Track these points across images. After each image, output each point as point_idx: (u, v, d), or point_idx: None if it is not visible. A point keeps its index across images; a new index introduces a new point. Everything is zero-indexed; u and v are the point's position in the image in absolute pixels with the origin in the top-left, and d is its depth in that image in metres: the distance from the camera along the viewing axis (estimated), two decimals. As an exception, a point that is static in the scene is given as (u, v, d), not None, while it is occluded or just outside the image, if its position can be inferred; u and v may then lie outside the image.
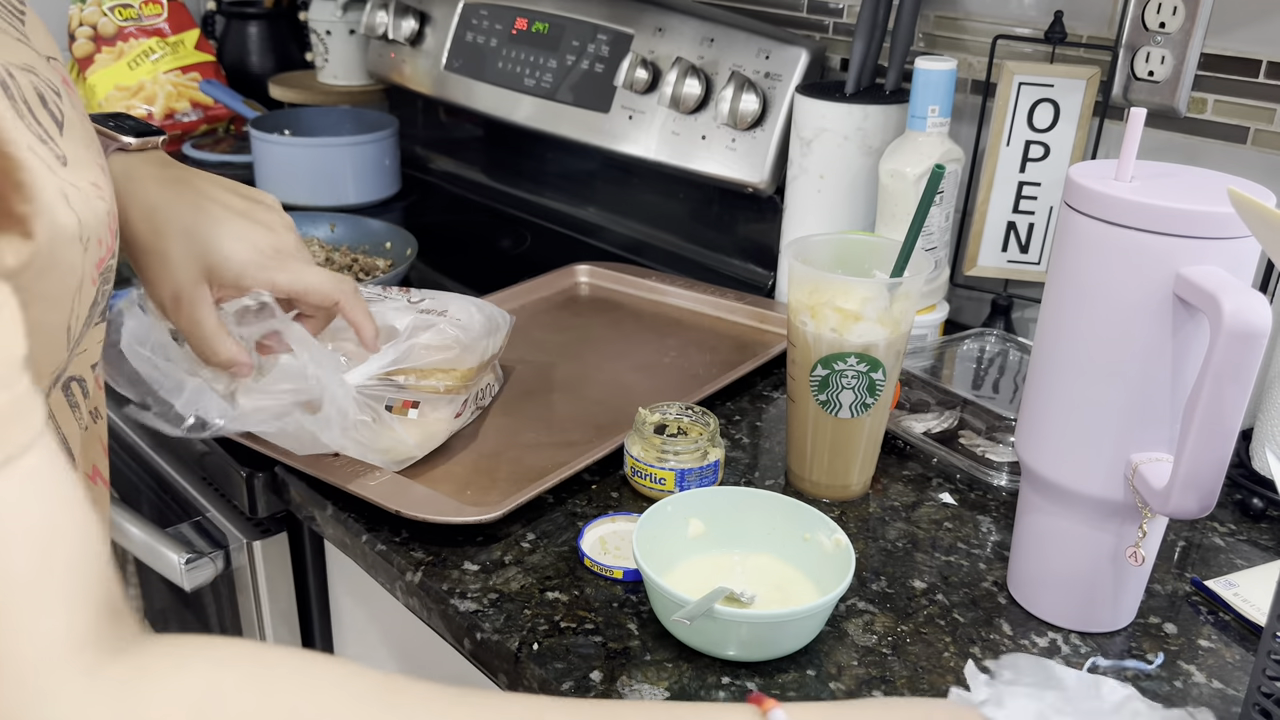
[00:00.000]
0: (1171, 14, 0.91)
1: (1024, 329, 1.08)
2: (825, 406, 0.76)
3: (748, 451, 0.86)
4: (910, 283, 0.74)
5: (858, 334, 0.74)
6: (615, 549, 0.72)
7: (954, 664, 0.63)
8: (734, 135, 1.15)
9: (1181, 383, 0.58)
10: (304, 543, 0.89)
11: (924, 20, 1.10)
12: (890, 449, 0.86)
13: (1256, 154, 0.91)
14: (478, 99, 1.42)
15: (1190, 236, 0.55)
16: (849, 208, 1.05)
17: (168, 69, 1.70)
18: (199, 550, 0.87)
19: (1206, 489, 0.55)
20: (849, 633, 0.66)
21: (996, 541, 0.75)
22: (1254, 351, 0.52)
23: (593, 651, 0.63)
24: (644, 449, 0.77)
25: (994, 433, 0.84)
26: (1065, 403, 0.61)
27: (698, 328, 1.09)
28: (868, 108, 1.02)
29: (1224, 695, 0.61)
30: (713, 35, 1.17)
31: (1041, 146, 1.01)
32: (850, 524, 0.77)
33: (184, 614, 1.05)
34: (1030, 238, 1.04)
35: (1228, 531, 0.77)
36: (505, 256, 1.32)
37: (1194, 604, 0.69)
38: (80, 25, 1.69)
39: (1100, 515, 0.63)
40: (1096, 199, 0.57)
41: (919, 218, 0.74)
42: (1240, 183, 0.56)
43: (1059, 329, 0.61)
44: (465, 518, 0.72)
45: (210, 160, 1.62)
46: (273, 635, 0.90)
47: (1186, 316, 0.56)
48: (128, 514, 0.91)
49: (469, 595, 0.68)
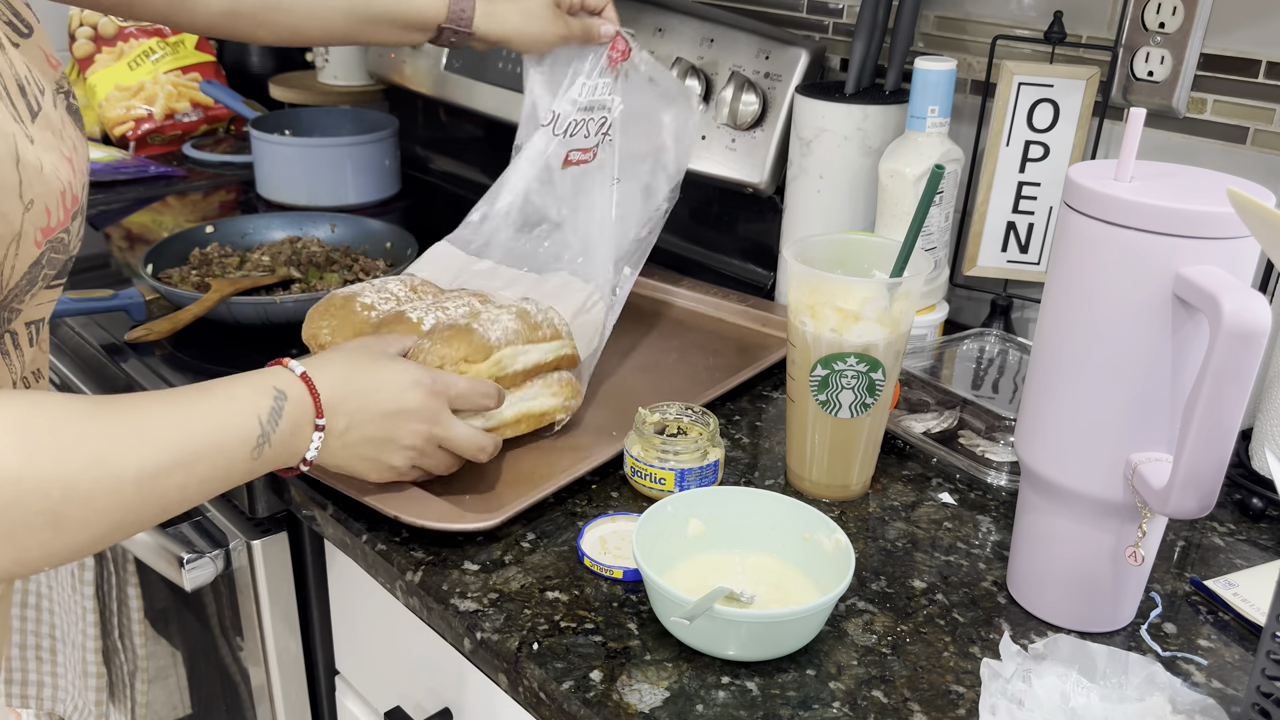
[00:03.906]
0: (1171, 14, 0.91)
1: (1024, 329, 1.08)
2: (825, 406, 0.76)
3: (748, 451, 0.86)
4: (910, 283, 0.74)
5: (857, 334, 0.74)
6: (615, 549, 0.72)
7: (954, 663, 0.63)
8: (734, 135, 1.15)
9: (1181, 383, 0.58)
10: (304, 543, 0.89)
11: (924, 20, 1.10)
12: (890, 449, 0.86)
13: (1256, 154, 0.91)
14: (478, 99, 1.42)
15: (1190, 236, 0.55)
16: (849, 208, 1.05)
17: (168, 69, 1.70)
18: (199, 550, 0.88)
19: (1206, 489, 0.55)
20: (849, 632, 0.66)
21: (996, 541, 0.75)
22: (1254, 352, 0.52)
23: (593, 651, 0.63)
24: (644, 449, 0.77)
25: (994, 433, 0.84)
26: (1065, 403, 0.61)
27: (700, 329, 1.09)
28: (867, 108, 1.02)
29: (1224, 695, 0.61)
30: (713, 35, 1.17)
31: (1041, 146, 1.01)
32: (850, 524, 0.77)
33: (184, 614, 1.05)
34: (1030, 238, 1.04)
35: (1227, 531, 0.77)
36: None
37: (1194, 604, 0.69)
38: (80, 25, 1.69)
39: (1100, 515, 0.63)
40: (1096, 199, 0.57)
41: (919, 218, 0.74)
42: (1240, 183, 0.56)
43: (1059, 329, 0.61)
44: (465, 525, 0.72)
45: (210, 160, 1.62)
46: (273, 635, 0.90)
47: (1186, 316, 0.56)
48: (128, 514, 0.90)
49: (469, 595, 0.68)
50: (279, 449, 0.62)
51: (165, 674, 1.13)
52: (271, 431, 0.61)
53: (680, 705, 0.59)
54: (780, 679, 0.62)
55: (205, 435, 0.57)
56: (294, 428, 0.63)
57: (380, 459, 0.70)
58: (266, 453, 0.61)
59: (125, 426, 0.52)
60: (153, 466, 0.53)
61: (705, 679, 0.61)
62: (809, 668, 0.63)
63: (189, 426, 0.56)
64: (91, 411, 0.51)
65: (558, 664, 0.62)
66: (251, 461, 0.60)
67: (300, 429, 0.64)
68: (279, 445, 0.62)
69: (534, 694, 0.62)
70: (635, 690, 0.60)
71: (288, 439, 0.63)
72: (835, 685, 0.61)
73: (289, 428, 0.62)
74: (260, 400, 0.61)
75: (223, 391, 0.60)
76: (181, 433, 0.55)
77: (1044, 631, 0.66)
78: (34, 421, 0.48)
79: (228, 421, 0.58)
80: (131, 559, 0.97)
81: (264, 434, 0.60)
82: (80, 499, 0.49)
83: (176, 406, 0.56)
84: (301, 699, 0.96)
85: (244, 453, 0.59)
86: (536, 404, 0.83)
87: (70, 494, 0.49)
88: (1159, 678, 0.58)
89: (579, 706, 0.59)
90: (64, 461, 0.49)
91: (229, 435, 0.58)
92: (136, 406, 0.54)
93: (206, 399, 0.58)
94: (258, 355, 0.93)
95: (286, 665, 0.93)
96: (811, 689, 0.61)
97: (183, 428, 0.55)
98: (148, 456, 0.53)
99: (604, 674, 0.61)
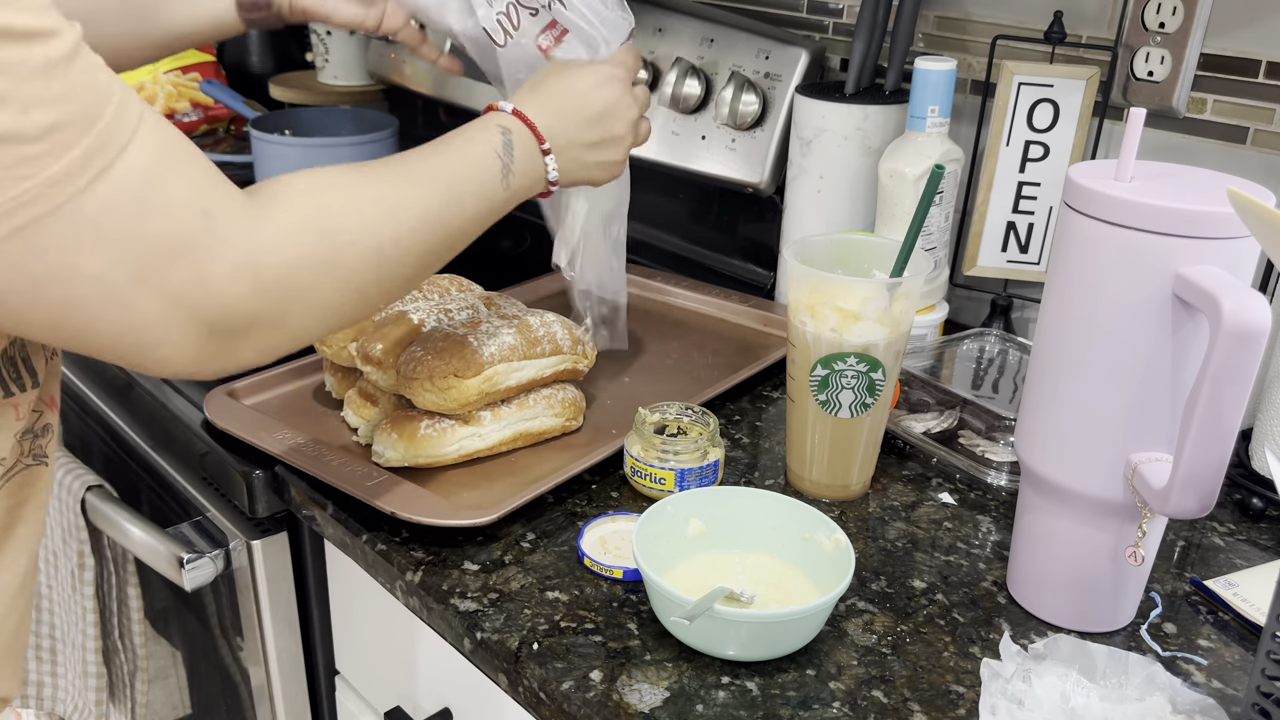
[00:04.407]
0: (1171, 14, 0.91)
1: (1024, 329, 1.08)
2: (825, 406, 0.76)
3: (748, 451, 0.86)
4: (910, 283, 0.74)
5: (857, 334, 0.74)
6: (615, 549, 0.72)
7: (954, 663, 0.63)
8: (734, 135, 1.15)
9: (1181, 383, 0.58)
10: (304, 543, 0.89)
11: (924, 20, 1.10)
12: (890, 449, 0.86)
13: (1256, 154, 0.91)
14: (478, 99, 1.42)
15: (1190, 236, 0.55)
16: (849, 208, 1.05)
17: (168, 69, 1.70)
18: (199, 550, 0.88)
19: (1206, 489, 0.55)
20: (849, 632, 0.66)
21: (996, 541, 0.75)
22: (1253, 352, 0.52)
23: (593, 651, 0.63)
24: (644, 449, 0.77)
25: (994, 433, 0.84)
26: (1065, 403, 0.61)
27: (701, 330, 1.09)
28: (867, 108, 1.02)
29: (1224, 695, 0.61)
30: (713, 35, 1.17)
31: (1041, 146, 1.01)
32: (850, 524, 0.77)
33: (184, 614, 1.05)
34: (1030, 238, 1.04)
35: (1227, 531, 0.77)
36: (505, 257, 1.32)
37: (1194, 604, 0.69)
38: (80, 25, 1.69)
39: (1100, 515, 0.63)
40: (1096, 199, 0.57)
41: (919, 218, 0.74)
42: (1240, 183, 0.56)
43: (1059, 329, 0.61)
44: (462, 521, 0.72)
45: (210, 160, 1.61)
46: (273, 635, 0.90)
47: (1186, 317, 0.56)
48: (128, 514, 0.91)
49: (469, 595, 0.68)
50: (521, 176, 0.70)
51: (165, 674, 1.13)
52: (510, 162, 0.68)
53: (680, 705, 0.59)
54: (780, 679, 0.62)
55: (463, 174, 0.65)
56: (526, 154, 0.70)
57: (607, 160, 0.78)
58: (513, 181, 0.69)
59: (400, 179, 0.62)
60: (437, 207, 0.62)
61: (705, 679, 0.61)
62: (809, 668, 0.63)
63: (447, 171, 0.64)
64: (367, 175, 0.60)
65: (558, 664, 0.62)
66: (505, 191, 0.68)
67: (531, 155, 0.71)
68: (520, 173, 0.70)
69: (534, 694, 0.62)
70: (635, 690, 0.60)
71: (525, 166, 0.70)
72: (835, 685, 0.61)
73: (522, 155, 0.70)
74: (491, 138, 0.68)
75: (459, 139, 0.67)
76: (444, 177, 0.64)
77: (1044, 631, 0.66)
78: (329, 200, 0.58)
79: (474, 160, 0.66)
80: (131, 559, 0.97)
81: (505, 165, 0.68)
82: (392, 243, 0.59)
83: (429, 158, 0.64)
84: (301, 699, 0.96)
85: (496, 183, 0.67)
86: (535, 424, 0.84)
87: (383, 242, 0.58)
88: (1159, 678, 0.58)
89: (579, 706, 0.59)
90: (370, 219, 0.58)
91: (481, 171, 0.66)
92: (396, 165, 0.63)
93: (449, 148, 0.66)
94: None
95: (286, 665, 0.93)
96: (811, 689, 0.61)
97: (442, 172, 0.64)
98: (430, 199, 0.62)
99: (604, 674, 0.61)
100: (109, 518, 0.92)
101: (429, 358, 0.78)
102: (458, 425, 0.79)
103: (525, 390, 0.83)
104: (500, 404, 0.82)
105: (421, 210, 0.61)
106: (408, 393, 0.79)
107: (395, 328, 0.83)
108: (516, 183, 0.69)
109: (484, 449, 0.81)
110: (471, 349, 0.79)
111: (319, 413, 0.89)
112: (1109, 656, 0.59)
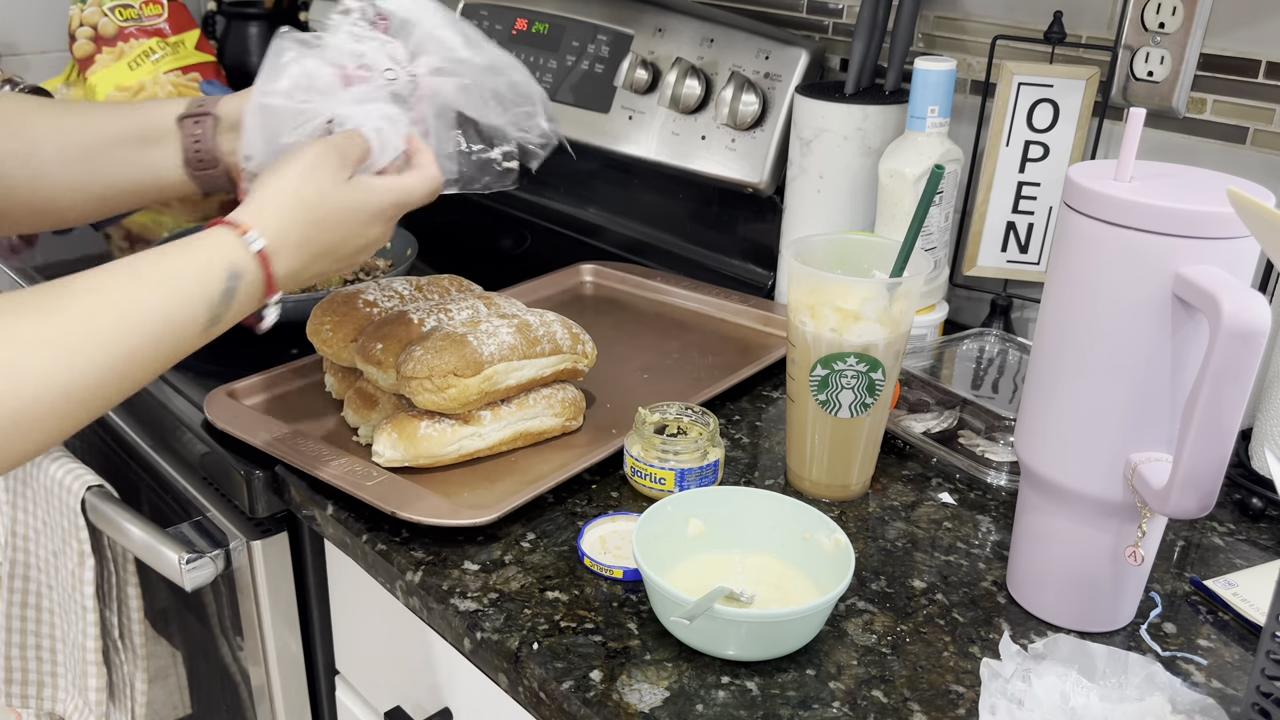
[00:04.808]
0: (1170, 14, 0.91)
1: (1023, 329, 1.08)
2: (825, 406, 0.76)
3: (748, 451, 0.86)
4: (910, 283, 0.74)
5: (857, 334, 0.74)
6: (615, 549, 0.72)
7: (953, 663, 0.63)
8: (734, 135, 1.15)
9: (1181, 383, 0.58)
10: (304, 543, 0.89)
11: (924, 20, 1.10)
12: (890, 449, 0.86)
13: (1256, 154, 0.91)
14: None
15: (1189, 236, 0.55)
16: (849, 208, 1.05)
17: (168, 69, 1.70)
18: (199, 550, 0.88)
19: (1206, 489, 0.55)
20: (849, 632, 0.66)
21: (996, 541, 0.75)
22: (1253, 351, 0.52)
23: (593, 651, 0.63)
24: (644, 449, 0.77)
25: (993, 433, 0.84)
26: (1065, 403, 0.61)
27: (701, 329, 1.09)
28: (867, 108, 1.02)
29: (1224, 695, 0.61)
30: (712, 35, 1.17)
31: (1041, 147, 1.01)
32: (850, 524, 0.77)
33: (184, 614, 1.05)
34: (1030, 238, 1.04)
35: (1227, 531, 0.78)
36: (505, 257, 1.32)
37: (1194, 604, 0.69)
38: (80, 25, 1.69)
39: (1100, 515, 0.63)
40: (1096, 199, 0.57)
41: (918, 218, 0.74)
42: (1240, 183, 0.56)
43: (1059, 329, 0.61)
44: (462, 521, 0.72)
45: (210, 160, 1.61)
46: (273, 635, 0.90)
47: (1186, 317, 0.56)
48: (128, 514, 0.91)
49: (469, 595, 0.68)
50: (230, 322, 0.63)
51: (165, 674, 1.13)
52: (223, 312, 0.62)
53: (680, 705, 0.59)
54: (780, 679, 0.62)
55: (153, 330, 0.58)
56: (245, 303, 0.63)
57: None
58: (215, 330, 0.62)
59: (75, 332, 0.55)
60: (103, 367, 0.56)
61: (705, 679, 0.62)
62: (809, 668, 0.63)
63: (138, 326, 0.57)
64: (42, 318, 0.54)
65: (558, 664, 0.62)
66: (201, 338, 0.62)
67: (251, 302, 0.64)
68: (228, 321, 0.63)
69: (534, 694, 0.62)
70: (635, 690, 0.60)
71: (239, 312, 0.64)
72: (835, 685, 0.61)
73: (241, 304, 0.63)
74: (209, 285, 0.61)
75: (171, 274, 0.59)
76: (129, 331, 0.57)
77: (1044, 631, 0.66)
78: None
79: (175, 314, 0.59)
80: (131, 559, 0.97)
81: (214, 317, 0.61)
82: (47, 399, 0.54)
83: (122, 306, 0.57)
84: (301, 699, 0.96)
85: (192, 334, 0.61)
86: (535, 423, 0.84)
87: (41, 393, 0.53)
88: (1159, 678, 0.58)
89: (579, 706, 0.59)
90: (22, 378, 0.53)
91: (178, 323, 0.59)
92: (84, 310, 0.56)
93: (152, 291, 0.58)
94: (259, 353, 0.94)
95: (286, 665, 0.93)
96: (811, 689, 0.61)
97: (132, 327, 0.57)
98: (98, 361, 0.55)
99: (604, 674, 0.61)
100: (109, 518, 0.92)
101: (429, 357, 0.78)
102: (458, 425, 0.79)
103: (525, 390, 0.83)
104: (500, 404, 0.82)
105: (81, 378, 0.55)
106: (408, 392, 0.79)
107: (395, 327, 0.83)
108: (220, 328, 0.63)
109: (484, 449, 0.81)
110: (471, 348, 0.79)
111: (319, 413, 0.89)
112: (1109, 656, 0.59)
